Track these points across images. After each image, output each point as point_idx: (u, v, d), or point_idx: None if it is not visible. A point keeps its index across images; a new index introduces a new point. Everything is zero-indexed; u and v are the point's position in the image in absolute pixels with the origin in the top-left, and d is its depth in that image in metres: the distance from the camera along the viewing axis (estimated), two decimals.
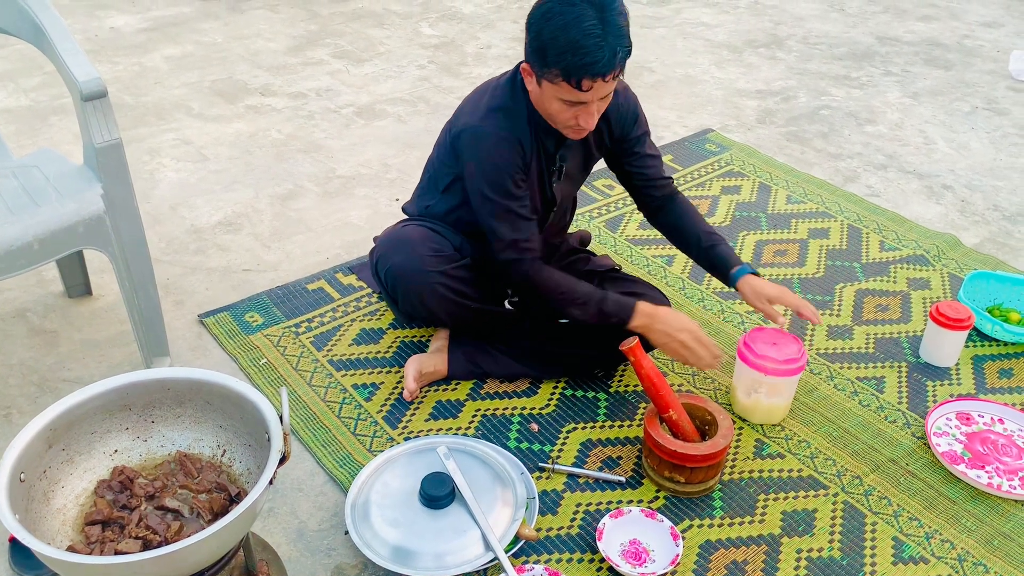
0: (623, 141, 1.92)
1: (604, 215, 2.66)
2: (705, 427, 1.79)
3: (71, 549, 1.26)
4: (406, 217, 2.06)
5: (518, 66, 1.77)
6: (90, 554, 1.25)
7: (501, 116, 1.75)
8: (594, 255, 2.17)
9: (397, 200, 2.73)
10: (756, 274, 1.89)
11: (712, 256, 1.94)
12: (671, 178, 2.02)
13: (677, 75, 3.69)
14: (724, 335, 2.18)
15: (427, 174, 2.00)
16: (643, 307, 1.78)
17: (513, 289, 1.87)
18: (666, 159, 2.99)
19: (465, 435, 1.88)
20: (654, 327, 1.78)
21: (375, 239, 2.02)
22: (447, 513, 1.61)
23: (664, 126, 3.24)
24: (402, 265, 1.87)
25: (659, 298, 2.00)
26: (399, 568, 1.54)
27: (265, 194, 2.75)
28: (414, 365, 1.96)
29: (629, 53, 1.59)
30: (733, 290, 1.92)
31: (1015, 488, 1.79)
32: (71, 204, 1.75)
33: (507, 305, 2.00)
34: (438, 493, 1.60)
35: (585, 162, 1.94)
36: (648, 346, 1.85)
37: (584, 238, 2.27)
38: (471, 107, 1.81)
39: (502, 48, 3.90)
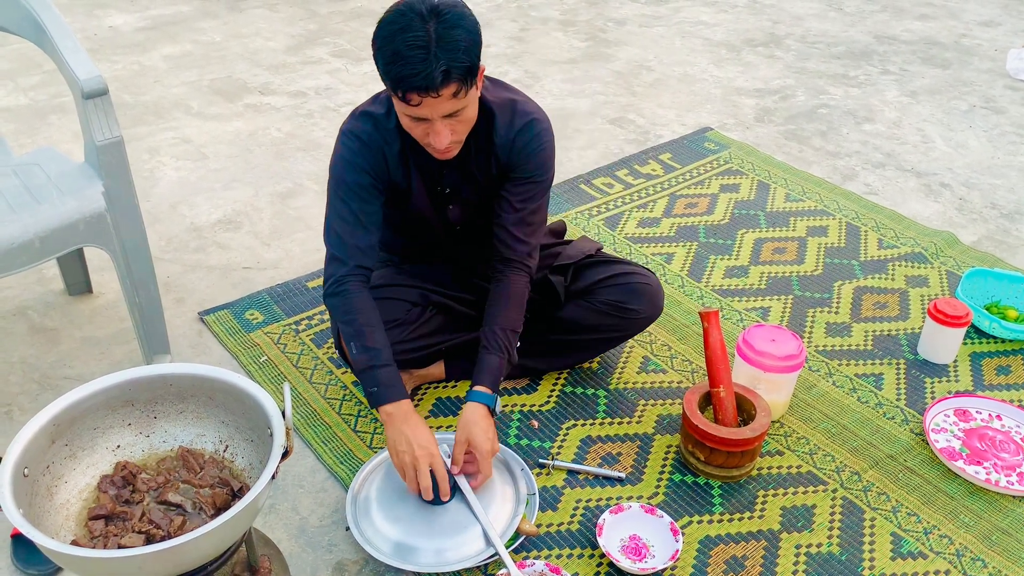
0: (506, 173, 1.74)
1: (603, 213, 2.67)
2: (748, 419, 1.80)
3: (74, 543, 1.27)
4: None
5: None
6: (93, 548, 1.25)
7: (369, 123, 1.66)
8: (567, 244, 2.03)
9: None
10: (492, 409, 1.67)
11: (479, 354, 1.73)
12: (522, 248, 1.77)
13: (676, 74, 3.70)
14: (724, 332, 2.18)
15: None
16: (404, 404, 1.61)
17: (324, 297, 1.71)
18: (664, 157, 3.00)
19: None
20: (399, 427, 1.60)
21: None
22: (447, 509, 1.62)
23: (663, 125, 3.25)
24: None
25: (650, 279, 1.92)
26: (400, 564, 1.55)
27: (265, 192, 2.75)
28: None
29: (467, 71, 1.46)
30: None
31: (1013, 484, 1.80)
32: (72, 202, 1.76)
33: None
34: (438, 489, 1.61)
35: (480, 189, 1.76)
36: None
37: (557, 230, 2.09)
38: (349, 116, 1.72)
39: (501, 47, 3.91)
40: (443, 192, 1.76)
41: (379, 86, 3.51)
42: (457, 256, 1.93)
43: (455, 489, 1.64)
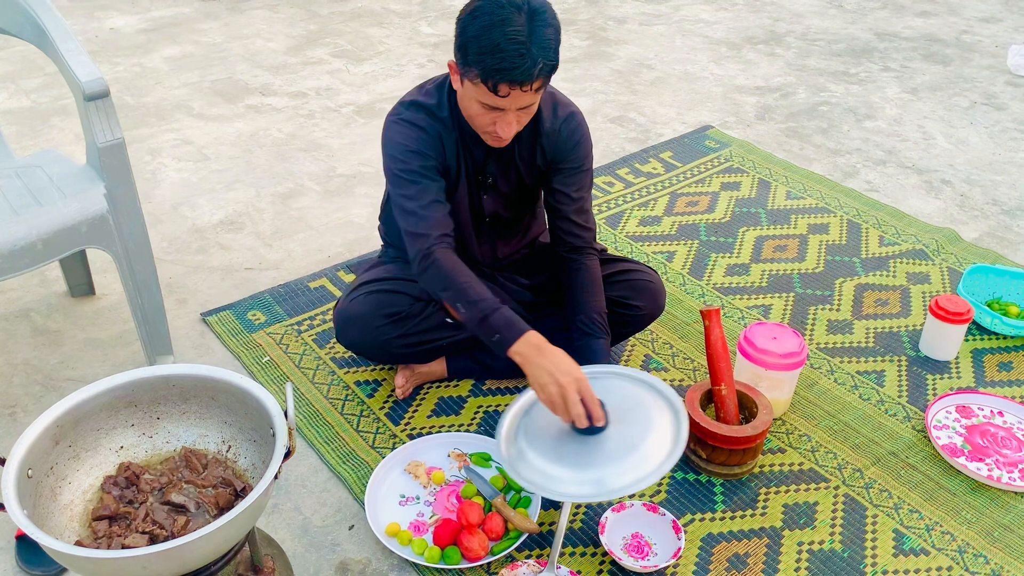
0: (553, 166, 1.81)
1: (604, 212, 2.67)
2: (750, 417, 1.80)
3: (79, 544, 1.27)
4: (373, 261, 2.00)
5: (441, 76, 1.74)
6: (97, 548, 1.26)
7: (422, 111, 1.70)
8: None
9: None
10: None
11: (582, 342, 1.81)
12: (588, 235, 1.86)
13: (676, 72, 3.70)
14: (725, 330, 2.18)
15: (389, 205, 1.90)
16: (533, 337, 1.56)
17: (417, 276, 1.69)
18: (665, 156, 3.00)
19: (468, 431, 1.89)
20: (536, 361, 1.53)
21: (336, 306, 1.92)
22: (608, 436, 1.52)
23: (663, 123, 3.25)
24: (359, 341, 1.86)
25: (653, 277, 1.96)
26: (597, 494, 1.46)
27: (266, 193, 2.76)
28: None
29: (553, 68, 1.54)
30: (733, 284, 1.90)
31: (1015, 480, 1.80)
32: (74, 204, 1.76)
33: None
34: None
35: (518, 179, 1.83)
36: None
37: None
38: (398, 104, 1.75)
39: None
40: (484, 181, 1.80)
41: (379, 86, 3.53)
42: (474, 255, 1.93)
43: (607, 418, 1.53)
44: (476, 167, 1.78)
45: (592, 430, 1.51)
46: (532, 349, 1.55)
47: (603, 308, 1.84)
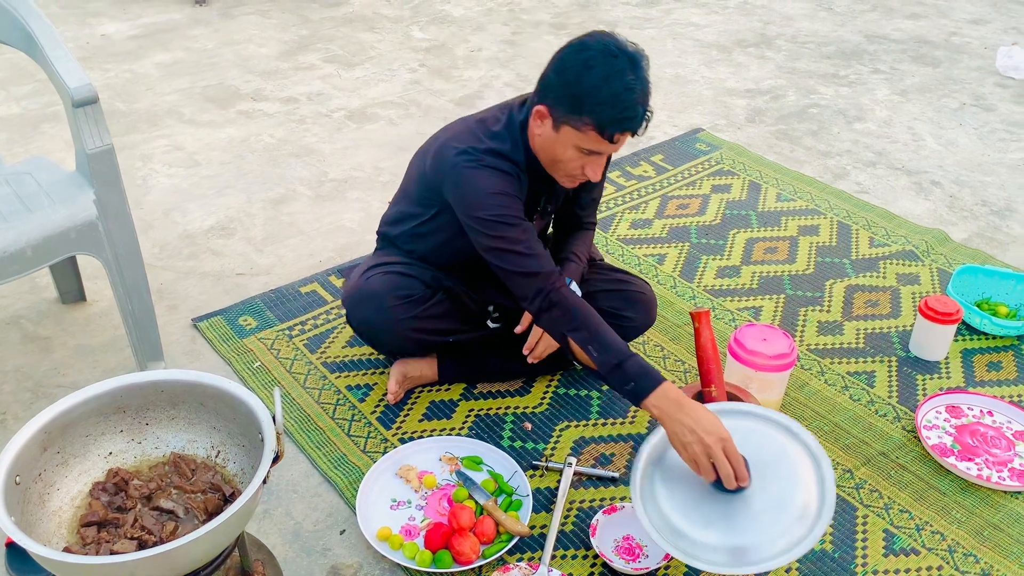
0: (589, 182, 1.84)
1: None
2: None
3: (67, 550, 1.27)
4: (380, 248, 2.01)
5: (509, 109, 1.73)
6: (86, 555, 1.25)
7: (504, 162, 1.70)
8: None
9: (389, 203, 2.73)
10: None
11: (560, 263, 1.93)
12: (594, 220, 2.04)
13: (667, 75, 3.71)
14: (716, 332, 2.19)
15: (402, 200, 1.93)
16: (669, 389, 1.52)
17: (536, 314, 1.69)
18: (656, 159, 3.01)
19: (460, 435, 1.89)
20: (676, 417, 1.49)
21: (344, 288, 1.95)
22: (752, 492, 1.47)
23: (654, 126, 3.25)
24: (371, 319, 1.86)
25: (645, 289, 1.99)
26: (742, 569, 1.40)
27: (257, 198, 2.76)
28: (399, 368, 1.97)
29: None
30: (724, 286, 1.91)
31: (1004, 479, 1.81)
32: (64, 210, 1.76)
33: (490, 324, 1.99)
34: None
35: (564, 200, 1.95)
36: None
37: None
38: (461, 144, 1.71)
39: (493, 51, 3.92)
40: (537, 208, 1.86)
41: (370, 91, 3.53)
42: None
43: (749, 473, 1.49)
44: (535, 197, 1.82)
45: (736, 489, 1.48)
46: (671, 403, 1.51)
47: (585, 253, 1.96)
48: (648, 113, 1.59)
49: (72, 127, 1.79)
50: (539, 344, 1.89)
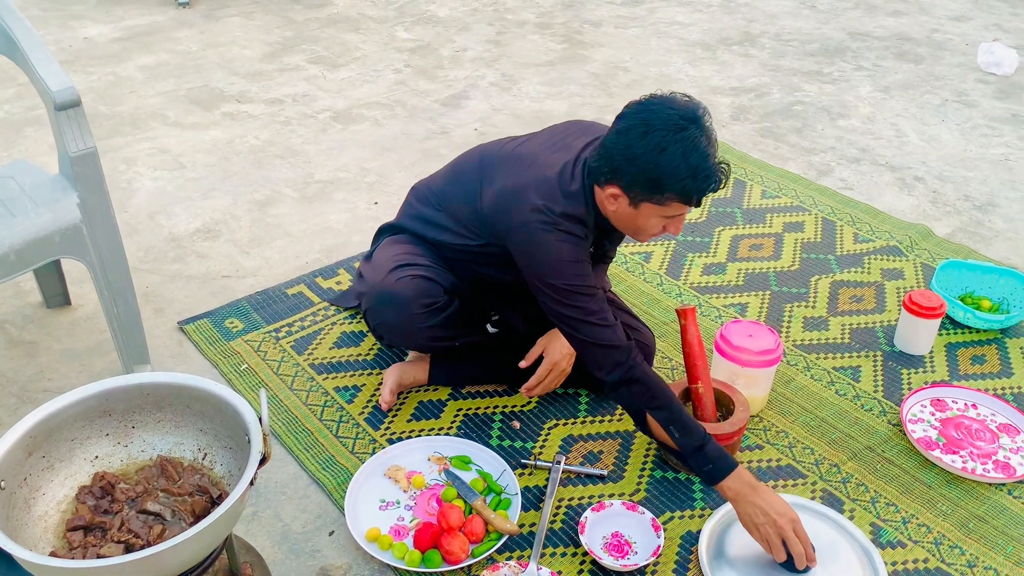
0: None
1: None
2: (727, 414, 1.82)
3: (53, 555, 1.26)
4: (399, 238, 1.93)
5: (584, 164, 1.67)
6: (72, 559, 1.25)
7: (579, 226, 1.66)
8: None
9: (376, 204, 2.74)
10: None
11: None
12: (614, 256, 2.03)
13: (652, 74, 3.72)
14: (702, 328, 2.20)
15: (445, 211, 1.85)
16: (743, 473, 1.59)
17: (613, 386, 1.67)
18: None
19: (448, 434, 1.89)
20: (751, 499, 1.57)
21: (363, 277, 1.90)
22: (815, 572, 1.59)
23: None
24: (393, 323, 1.84)
25: (650, 340, 1.97)
26: None
27: (243, 200, 2.75)
28: (393, 376, 1.96)
29: None
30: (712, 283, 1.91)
31: (989, 472, 1.83)
32: (47, 214, 1.75)
33: (489, 328, 2.00)
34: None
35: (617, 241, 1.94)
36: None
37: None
38: (537, 199, 1.64)
39: (478, 51, 3.92)
40: (603, 252, 1.89)
41: (356, 92, 3.53)
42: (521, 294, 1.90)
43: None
44: (599, 243, 1.82)
45: (797, 568, 1.56)
46: (745, 486, 1.57)
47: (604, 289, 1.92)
48: (724, 166, 1.57)
49: (55, 130, 1.78)
50: (540, 387, 1.89)
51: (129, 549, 1.28)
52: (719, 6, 4.51)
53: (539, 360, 1.90)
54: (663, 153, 1.51)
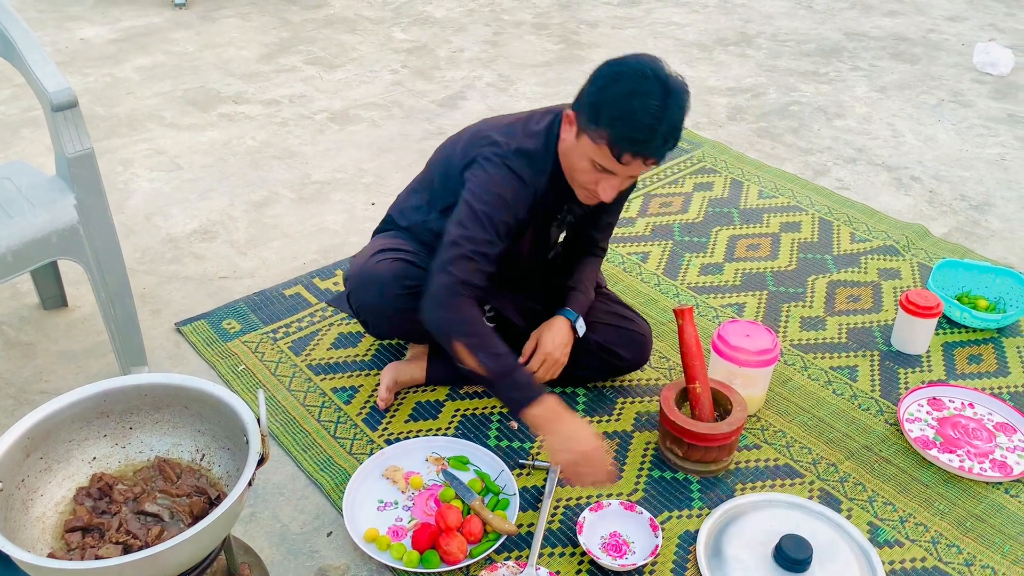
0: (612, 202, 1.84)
1: None
2: (725, 414, 1.82)
3: (51, 556, 1.26)
4: (386, 231, 1.96)
5: (555, 113, 1.71)
6: (70, 560, 1.25)
7: (526, 161, 1.68)
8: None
9: (373, 204, 2.74)
10: (573, 325, 1.85)
11: (568, 295, 1.91)
12: (606, 246, 2.02)
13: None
14: (699, 328, 2.20)
15: (425, 190, 1.88)
16: (551, 401, 1.58)
17: (430, 306, 1.67)
18: None
19: (446, 435, 1.89)
20: (554, 426, 1.58)
21: (350, 264, 1.93)
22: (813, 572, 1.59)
23: None
24: (373, 304, 1.84)
25: (646, 331, 1.97)
26: None
27: (240, 201, 2.75)
28: (390, 374, 1.96)
29: (674, 148, 1.58)
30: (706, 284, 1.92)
31: (986, 471, 1.83)
32: (44, 215, 1.75)
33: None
34: (799, 556, 1.57)
35: (589, 213, 1.89)
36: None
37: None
38: (497, 136, 1.71)
39: (475, 51, 3.92)
40: (563, 219, 1.85)
41: (353, 92, 3.52)
42: (510, 280, 1.92)
43: (812, 558, 1.60)
44: (556, 206, 1.80)
45: (795, 566, 1.58)
46: (550, 413, 1.57)
47: (592, 280, 1.94)
48: (670, 143, 1.54)
49: (51, 131, 1.78)
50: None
51: (127, 550, 1.28)
52: (715, 7, 4.52)
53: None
54: (615, 83, 1.53)
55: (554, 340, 1.84)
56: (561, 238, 2.02)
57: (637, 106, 1.49)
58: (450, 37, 4.07)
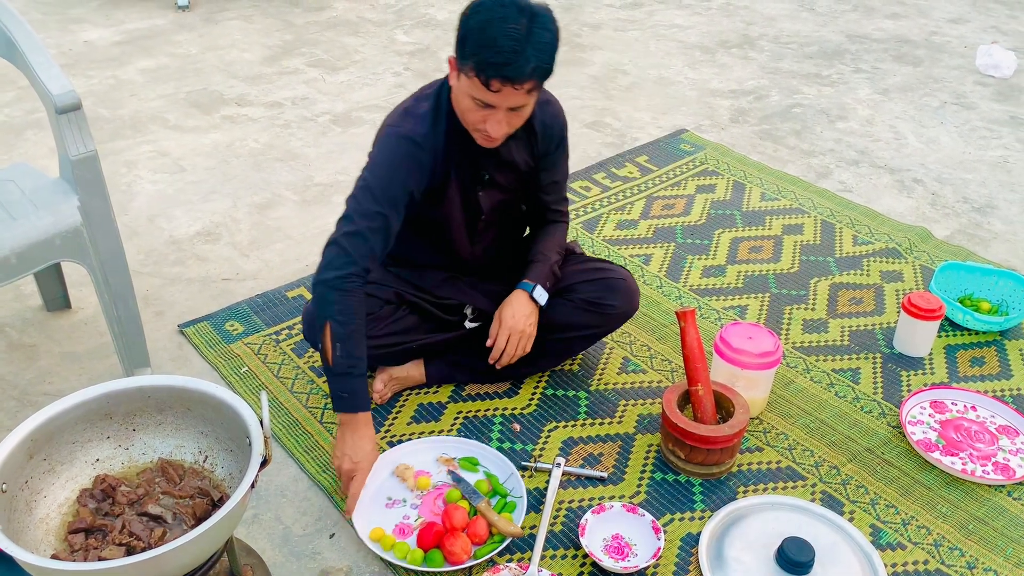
0: (543, 158, 1.86)
1: (581, 216, 2.68)
2: (727, 417, 1.82)
3: (55, 557, 1.26)
4: None
5: (446, 84, 1.74)
6: (74, 561, 1.25)
7: (416, 122, 1.71)
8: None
9: None
10: (532, 295, 1.85)
11: (527, 265, 1.91)
12: (563, 210, 1.99)
13: (651, 77, 3.73)
14: (701, 331, 2.20)
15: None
16: (363, 417, 1.68)
17: (319, 283, 1.70)
18: (641, 160, 3.02)
19: (447, 435, 1.90)
20: (343, 435, 1.68)
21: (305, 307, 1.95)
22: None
23: (639, 127, 3.27)
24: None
25: (626, 276, 1.96)
26: None
27: (243, 203, 2.76)
28: (386, 369, 1.97)
29: (547, 72, 1.58)
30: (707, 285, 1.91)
31: (988, 473, 1.83)
32: (48, 217, 1.76)
33: (468, 325, 1.98)
34: (801, 559, 1.57)
35: (517, 173, 1.85)
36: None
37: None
38: (391, 118, 1.77)
39: None
40: (480, 177, 1.81)
41: (355, 95, 3.53)
42: (463, 255, 1.93)
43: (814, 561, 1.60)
44: (471, 164, 1.78)
45: (797, 569, 1.58)
46: (354, 423, 1.68)
47: (557, 249, 1.93)
48: (536, 65, 1.53)
49: (55, 134, 1.79)
50: (504, 355, 1.85)
51: (130, 552, 1.28)
52: (718, 9, 4.52)
53: None
54: (476, 13, 1.55)
55: (514, 315, 1.83)
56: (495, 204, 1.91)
57: (497, 31, 1.52)
58: (452, 39, 4.07)
